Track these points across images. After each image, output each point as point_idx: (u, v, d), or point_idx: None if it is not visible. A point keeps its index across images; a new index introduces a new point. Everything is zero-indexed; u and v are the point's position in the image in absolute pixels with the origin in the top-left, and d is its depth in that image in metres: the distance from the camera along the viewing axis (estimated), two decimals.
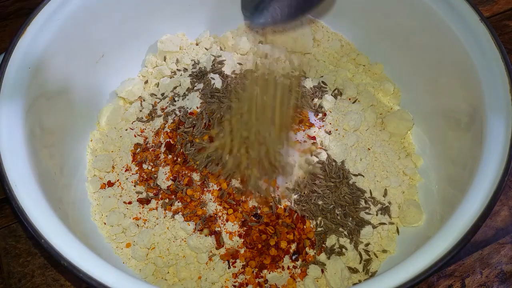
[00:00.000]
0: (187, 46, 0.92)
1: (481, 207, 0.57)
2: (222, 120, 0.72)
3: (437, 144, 0.80)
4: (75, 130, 0.80)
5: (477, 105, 0.67)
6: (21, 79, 0.65)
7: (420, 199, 0.78)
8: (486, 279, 0.76)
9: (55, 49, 0.70)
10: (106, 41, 0.82)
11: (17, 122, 0.62)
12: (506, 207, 0.82)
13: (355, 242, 0.73)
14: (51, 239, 0.54)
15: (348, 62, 0.92)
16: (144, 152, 0.79)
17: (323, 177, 0.74)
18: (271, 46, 0.91)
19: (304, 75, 0.87)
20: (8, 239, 0.78)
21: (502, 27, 1.03)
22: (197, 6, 0.90)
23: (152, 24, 0.88)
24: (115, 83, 0.88)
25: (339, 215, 0.74)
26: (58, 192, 0.69)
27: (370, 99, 0.86)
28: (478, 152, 0.63)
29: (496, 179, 0.59)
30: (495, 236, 0.79)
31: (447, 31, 0.72)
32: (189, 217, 0.72)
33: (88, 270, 0.52)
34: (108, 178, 0.79)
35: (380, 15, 0.86)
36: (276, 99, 0.66)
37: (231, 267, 0.70)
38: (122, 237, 0.74)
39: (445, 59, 0.76)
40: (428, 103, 0.82)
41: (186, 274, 0.71)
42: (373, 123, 0.83)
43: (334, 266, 0.70)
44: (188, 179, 0.73)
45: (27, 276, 0.75)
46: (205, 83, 0.79)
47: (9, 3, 1.04)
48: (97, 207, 0.77)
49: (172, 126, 0.78)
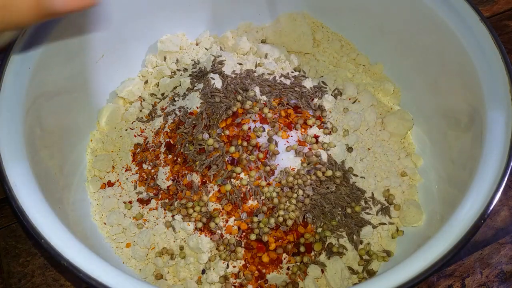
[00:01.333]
0: (187, 46, 0.92)
1: (481, 207, 0.57)
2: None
3: (437, 144, 0.80)
4: (75, 130, 0.79)
5: (477, 105, 0.67)
6: (21, 79, 0.64)
7: (420, 199, 0.78)
8: (486, 279, 0.76)
9: (54, 49, 0.70)
10: (106, 41, 0.82)
11: (17, 122, 0.62)
12: (506, 207, 0.82)
13: (355, 242, 0.73)
14: (51, 239, 0.54)
15: (348, 62, 0.92)
16: (144, 152, 0.79)
17: (323, 177, 0.74)
18: (271, 46, 0.91)
19: (304, 75, 0.87)
20: (8, 239, 0.78)
21: (502, 27, 1.03)
22: (197, 6, 0.90)
23: (152, 24, 0.88)
24: (115, 83, 0.88)
25: (339, 215, 0.74)
26: (58, 192, 0.69)
27: (370, 99, 0.85)
28: (478, 152, 0.63)
29: (496, 179, 0.59)
30: (495, 236, 0.79)
31: (447, 31, 0.72)
32: (189, 217, 0.72)
33: (88, 270, 0.52)
34: (108, 178, 0.79)
35: (380, 15, 0.86)
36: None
37: (231, 268, 0.70)
38: (122, 237, 0.74)
39: (445, 59, 0.76)
40: (428, 103, 0.82)
41: (186, 274, 0.71)
42: (373, 123, 0.83)
43: (334, 266, 0.70)
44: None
45: (27, 276, 0.75)
46: (205, 83, 0.79)
47: None
48: (97, 207, 0.77)
49: (172, 126, 0.78)
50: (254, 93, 0.77)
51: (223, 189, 0.72)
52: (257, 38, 0.93)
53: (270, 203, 0.71)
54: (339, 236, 0.73)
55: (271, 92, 0.79)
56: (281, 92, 0.80)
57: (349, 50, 0.93)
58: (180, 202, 0.73)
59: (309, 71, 0.89)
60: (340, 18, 0.92)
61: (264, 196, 0.71)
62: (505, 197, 0.83)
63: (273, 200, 0.71)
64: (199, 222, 0.71)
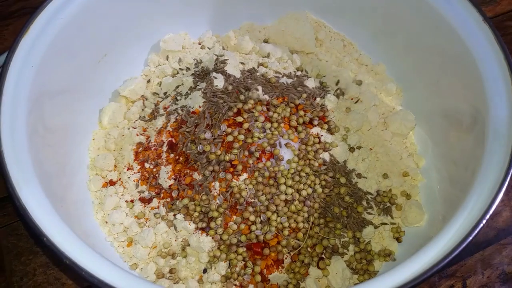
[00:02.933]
0: (189, 46, 0.92)
1: (483, 208, 0.57)
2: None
3: (439, 144, 0.80)
4: (78, 128, 0.80)
5: (479, 106, 0.67)
6: (24, 78, 0.65)
7: (422, 199, 0.78)
8: (488, 279, 0.75)
9: (58, 48, 0.70)
10: (108, 40, 0.82)
11: (20, 120, 0.62)
12: (508, 207, 0.82)
13: (356, 242, 0.73)
14: (53, 237, 0.54)
15: (351, 62, 0.92)
16: (146, 151, 0.79)
17: (325, 177, 0.74)
18: (274, 45, 0.91)
19: (306, 75, 0.87)
20: (10, 238, 0.78)
21: (504, 28, 1.02)
22: (200, 5, 0.90)
23: (154, 23, 0.88)
24: (118, 82, 0.88)
25: (340, 215, 0.74)
26: (60, 190, 0.69)
27: (372, 99, 0.85)
28: (480, 152, 0.63)
29: (498, 180, 0.58)
30: (497, 237, 0.79)
31: (450, 31, 0.72)
32: (190, 216, 0.72)
33: (90, 269, 0.52)
34: (110, 177, 0.79)
35: (383, 15, 0.85)
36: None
37: (232, 267, 0.70)
38: (124, 236, 0.74)
39: (448, 60, 0.76)
40: (431, 104, 0.82)
41: (187, 274, 0.71)
42: (375, 123, 0.83)
43: (336, 266, 0.70)
44: (190, 178, 0.74)
45: (29, 274, 0.75)
46: (208, 83, 0.79)
47: (11, 2, 1.04)
48: (99, 206, 0.77)
49: (174, 125, 0.78)
50: (256, 92, 0.77)
51: (225, 189, 0.72)
52: (259, 38, 0.93)
53: (272, 204, 0.71)
54: (341, 236, 0.73)
55: (273, 92, 0.79)
56: (283, 92, 0.80)
57: (351, 50, 0.93)
58: (181, 202, 0.73)
59: (311, 70, 0.89)
60: (343, 18, 0.92)
61: (266, 197, 0.71)
62: (507, 198, 0.83)
63: (275, 201, 0.71)
64: (201, 221, 0.71)
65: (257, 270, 0.70)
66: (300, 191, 0.72)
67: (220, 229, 0.71)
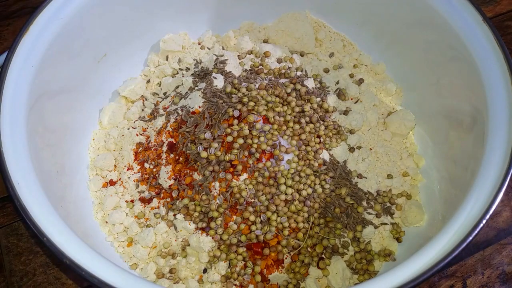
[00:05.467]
0: (189, 46, 0.92)
1: (483, 208, 0.57)
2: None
3: (439, 144, 0.80)
4: (77, 128, 0.80)
5: (479, 106, 0.67)
6: (24, 78, 0.65)
7: (422, 199, 0.78)
8: (488, 279, 0.75)
9: (58, 48, 0.70)
10: (108, 41, 0.82)
11: (20, 120, 0.62)
12: (508, 207, 0.82)
13: (356, 242, 0.73)
14: (53, 237, 0.54)
15: (351, 62, 0.92)
16: (146, 151, 0.79)
17: (325, 177, 0.74)
18: (274, 45, 0.91)
19: (306, 75, 0.87)
20: (10, 237, 0.78)
21: (504, 28, 1.02)
22: (199, 5, 0.90)
23: (154, 23, 0.88)
24: (117, 82, 0.88)
25: (340, 215, 0.74)
26: (60, 190, 0.69)
27: (372, 99, 0.85)
28: (480, 152, 0.63)
29: (498, 180, 0.58)
30: (497, 237, 0.79)
31: (450, 31, 0.72)
32: (190, 216, 0.72)
33: (90, 269, 0.52)
34: (110, 177, 0.79)
35: (383, 15, 0.86)
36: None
37: (232, 267, 0.70)
38: (124, 236, 0.74)
39: (448, 60, 0.76)
40: (430, 104, 0.82)
41: (187, 274, 0.71)
42: (375, 123, 0.83)
43: (336, 266, 0.70)
44: (190, 178, 0.74)
45: (29, 274, 0.75)
46: (207, 83, 0.79)
47: (11, 2, 1.04)
48: (98, 206, 0.77)
49: (174, 125, 0.78)
50: (256, 92, 0.77)
51: (225, 189, 0.72)
52: (259, 38, 0.93)
53: (272, 204, 0.71)
54: (341, 236, 0.73)
55: (273, 92, 0.79)
56: (283, 92, 0.80)
57: (351, 50, 0.93)
58: (181, 202, 0.73)
59: (311, 70, 0.89)
60: (342, 18, 0.92)
61: (266, 197, 0.71)
62: (507, 198, 0.83)
63: (275, 201, 0.71)
64: (201, 221, 0.72)
65: (257, 270, 0.70)
66: (300, 191, 0.72)
67: (220, 229, 0.71)
